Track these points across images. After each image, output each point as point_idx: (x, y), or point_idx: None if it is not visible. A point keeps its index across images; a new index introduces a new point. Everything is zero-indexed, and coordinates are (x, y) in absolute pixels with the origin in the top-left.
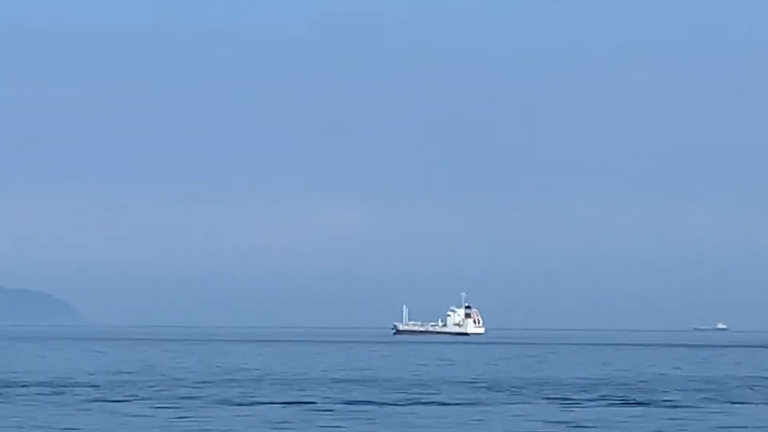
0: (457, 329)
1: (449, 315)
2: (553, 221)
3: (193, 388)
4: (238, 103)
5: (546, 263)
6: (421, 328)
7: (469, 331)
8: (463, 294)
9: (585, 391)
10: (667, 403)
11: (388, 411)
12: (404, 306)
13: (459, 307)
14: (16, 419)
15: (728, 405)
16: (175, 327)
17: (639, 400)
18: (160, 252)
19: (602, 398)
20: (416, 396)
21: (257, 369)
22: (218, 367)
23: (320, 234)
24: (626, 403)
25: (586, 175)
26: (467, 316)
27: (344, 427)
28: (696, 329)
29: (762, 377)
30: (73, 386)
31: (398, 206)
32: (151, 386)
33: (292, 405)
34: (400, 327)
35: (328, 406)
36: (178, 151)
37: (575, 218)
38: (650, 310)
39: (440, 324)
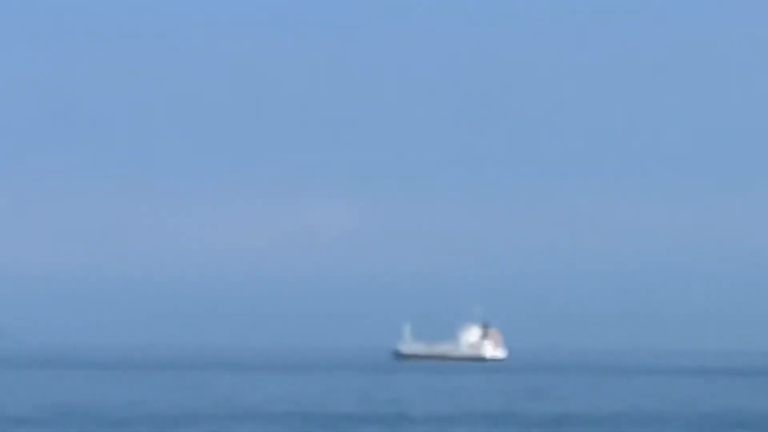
0: (471, 353)
1: (462, 335)
2: (591, 219)
3: None
4: (203, 86)
5: (582, 270)
6: (427, 351)
7: (486, 355)
8: (479, 308)
9: None
10: None
11: None
12: (406, 324)
13: (474, 324)
14: None
15: None
16: (126, 348)
17: None
18: (110, 257)
19: None
20: None
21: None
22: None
23: (305, 237)
24: None
25: (629, 163)
26: (484, 336)
27: None
28: None
29: None
30: None
31: (400, 204)
32: None
33: None
34: (403, 350)
35: None
36: (134, 136)
37: (618, 216)
38: (715, 326)
39: (450, 346)
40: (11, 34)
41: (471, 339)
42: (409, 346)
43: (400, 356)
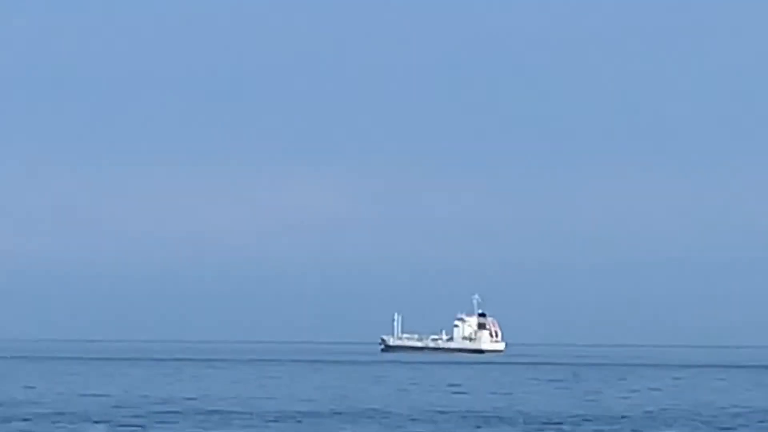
0: (467, 345)
1: (457, 326)
2: (596, 205)
3: None
4: (179, 64)
5: (586, 259)
6: (419, 343)
7: (484, 348)
8: (476, 298)
9: None
10: None
11: None
12: (396, 314)
13: (470, 315)
14: None
15: None
16: (79, 341)
17: None
18: (76, 246)
19: None
20: None
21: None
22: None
23: (287, 220)
24: None
25: (637, 151)
26: (481, 327)
27: None
28: None
29: None
30: None
31: (391, 185)
32: None
33: None
34: (390, 341)
35: None
36: (102, 117)
37: (626, 202)
38: (731, 322)
39: (444, 337)
40: None
41: (467, 331)
42: (399, 338)
43: (388, 348)
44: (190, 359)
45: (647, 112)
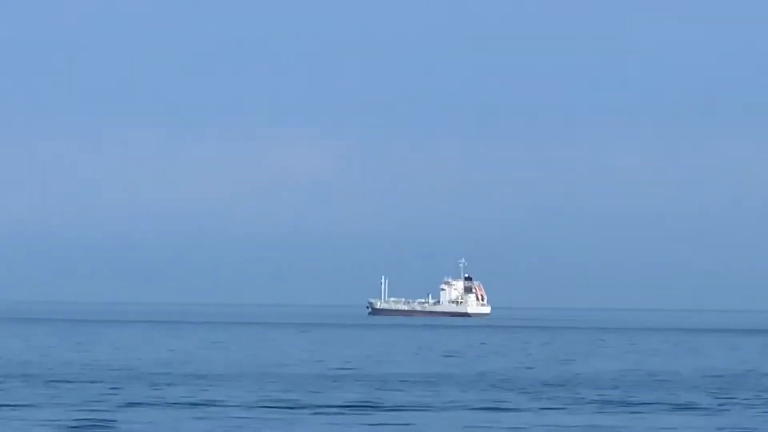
0: (454, 308)
1: (443, 289)
2: (585, 165)
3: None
4: (168, 24)
5: (574, 222)
6: (406, 307)
7: (470, 311)
8: (462, 262)
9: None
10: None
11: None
12: (383, 277)
13: (456, 278)
14: None
15: None
16: (91, 304)
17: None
18: (59, 210)
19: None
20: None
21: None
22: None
23: (278, 185)
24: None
25: (625, 112)
26: (468, 290)
27: None
28: None
29: None
30: None
31: (375, 146)
32: None
33: None
34: (378, 305)
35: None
36: (80, 79)
37: (617, 162)
38: (723, 286)
39: (431, 301)
40: None
41: (453, 294)
42: (386, 301)
43: (375, 312)
44: (177, 322)
45: (635, 66)
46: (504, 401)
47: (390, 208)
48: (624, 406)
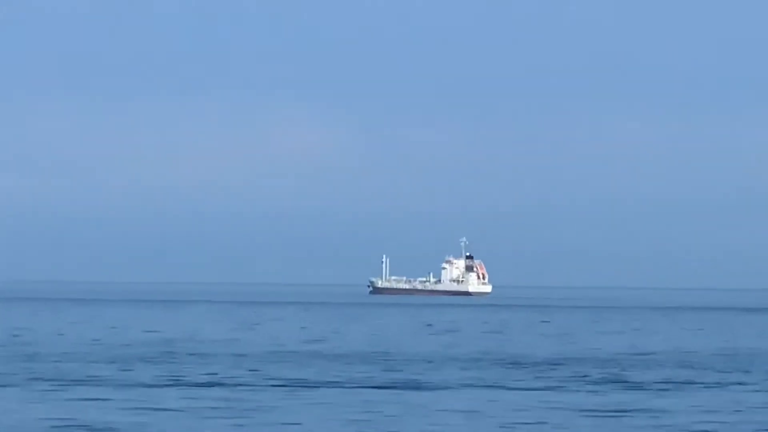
0: (455, 287)
1: (445, 268)
2: (586, 146)
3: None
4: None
5: (575, 202)
6: (407, 286)
7: (471, 290)
8: (464, 240)
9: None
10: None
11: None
12: (384, 256)
13: (458, 257)
14: None
15: None
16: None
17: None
18: (55, 188)
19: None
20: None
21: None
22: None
23: (273, 162)
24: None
25: (627, 92)
26: (469, 269)
27: None
28: None
29: None
30: None
31: (377, 125)
32: None
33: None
34: (379, 284)
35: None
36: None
37: (619, 143)
38: (730, 264)
39: (432, 280)
40: None
41: (455, 273)
42: (388, 280)
43: (376, 290)
44: (180, 301)
45: (638, 56)
46: (507, 379)
47: (391, 187)
48: (624, 383)
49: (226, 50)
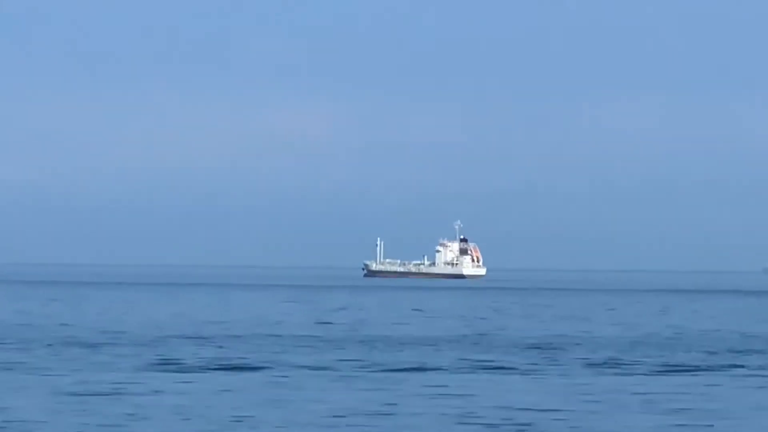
0: (449, 270)
1: (439, 251)
2: (580, 130)
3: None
4: None
5: (569, 185)
6: (401, 269)
7: (465, 273)
8: (458, 224)
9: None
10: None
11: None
12: (378, 239)
13: (452, 240)
14: None
15: None
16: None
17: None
18: (46, 171)
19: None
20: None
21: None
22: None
23: (268, 145)
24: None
25: (622, 76)
26: (463, 252)
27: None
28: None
29: None
30: None
31: (372, 108)
32: None
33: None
34: (373, 266)
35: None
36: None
37: (613, 127)
38: (710, 248)
39: (426, 263)
40: None
41: (449, 256)
42: (382, 263)
43: (371, 273)
44: (175, 284)
45: (636, 39)
46: (501, 361)
47: (386, 170)
48: (616, 367)
49: (225, 34)
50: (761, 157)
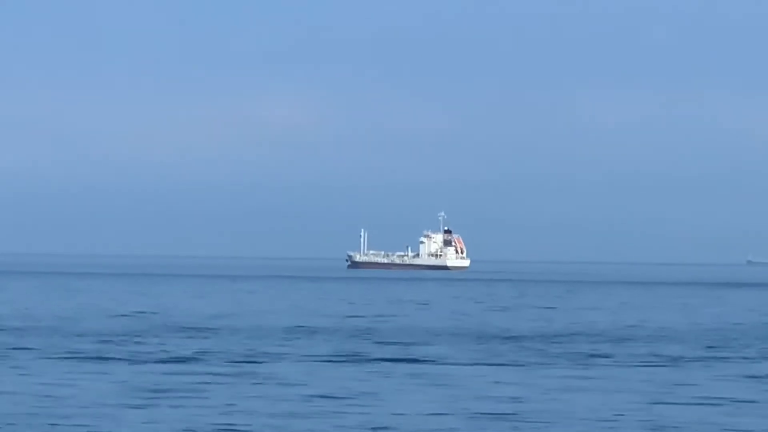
0: (433, 261)
1: (423, 242)
2: (565, 122)
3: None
4: None
5: (553, 177)
6: (385, 260)
7: (449, 264)
8: (442, 215)
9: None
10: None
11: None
12: (362, 230)
13: (436, 232)
14: None
15: None
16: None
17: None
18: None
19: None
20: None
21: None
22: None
23: (252, 135)
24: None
25: (611, 66)
26: (447, 243)
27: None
28: (750, 262)
29: None
30: None
31: (355, 99)
32: None
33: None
34: (357, 258)
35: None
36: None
37: (601, 121)
38: (693, 240)
39: (410, 254)
40: None
41: (433, 247)
42: (366, 254)
43: (355, 265)
44: (158, 275)
45: (625, 32)
46: (497, 355)
47: (370, 160)
48: (602, 358)
49: (205, 24)
50: (743, 151)
